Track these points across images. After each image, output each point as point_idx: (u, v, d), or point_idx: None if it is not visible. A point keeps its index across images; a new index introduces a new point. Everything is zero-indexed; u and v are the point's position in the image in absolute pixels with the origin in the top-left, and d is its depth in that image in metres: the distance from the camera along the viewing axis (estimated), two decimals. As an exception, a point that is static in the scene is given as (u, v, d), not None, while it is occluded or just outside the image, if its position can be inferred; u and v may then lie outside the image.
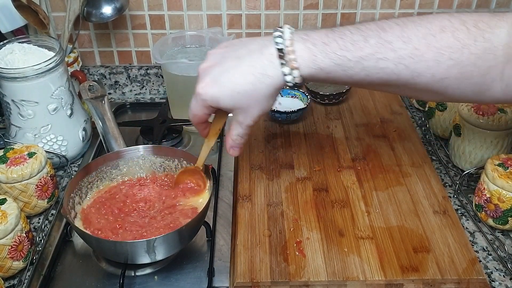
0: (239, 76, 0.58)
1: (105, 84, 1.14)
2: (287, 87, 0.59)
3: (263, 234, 0.74)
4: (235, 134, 0.65)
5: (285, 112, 0.95)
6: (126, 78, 1.14)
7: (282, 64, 0.57)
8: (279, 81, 0.58)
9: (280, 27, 0.58)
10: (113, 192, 0.78)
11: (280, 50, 0.57)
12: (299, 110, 0.96)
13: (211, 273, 0.70)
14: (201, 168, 0.74)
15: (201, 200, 0.74)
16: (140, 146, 0.80)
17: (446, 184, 0.87)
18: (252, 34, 1.10)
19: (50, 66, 0.82)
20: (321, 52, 0.56)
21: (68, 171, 0.89)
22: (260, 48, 0.58)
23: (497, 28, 0.55)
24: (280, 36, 0.57)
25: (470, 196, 0.83)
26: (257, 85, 0.58)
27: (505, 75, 0.56)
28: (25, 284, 0.69)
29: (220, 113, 0.66)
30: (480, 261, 0.72)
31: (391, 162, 0.88)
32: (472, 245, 0.75)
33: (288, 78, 0.57)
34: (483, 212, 0.77)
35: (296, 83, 0.58)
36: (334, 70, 0.57)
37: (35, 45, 0.88)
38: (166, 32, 1.10)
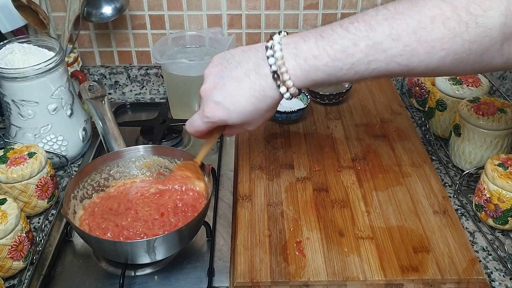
0: (242, 99, 0.60)
1: (105, 84, 1.14)
2: (289, 99, 0.62)
3: (263, 234, 0.74)
4: (234, 132, 0.70)
5: (285, 112, 0.95)
6: (126, 78, 1.14)
7: (278, 86, 0.59)
8: (278, 98, 0.61)
9: (272, 38, 0.60)
10: (113, 192, 0.78)
11: (274, 72, 0.58)
12: (299, 110, 0.96)
13: (211, 273, 0.70)
14: (199, 163, 0.74)
15: (198, 183, 0.74)
16: (140, 146, 0.80)
17: (446, 184, 0.87)
18: (252, 34, 1.10)
19: (50, 66, 0.82)
20: (312, 67, 0.57)
21: (68, 171, 0.89)
22: (255, 67, 0.60)
23: (490, 9, 0.53)
24: (272, 55, 0.58)
25: (470, 196, 0.83)
26: (259, 105, 0.61)
27: (505, 52, 0.55)
28: (25, 284, 0.69)
29: None
30: (480, 261, 0.72)
31: (391, 162, 0.88)
32: (472, 245, 0.75)
33: (286, 95, 0.60)
34: (483, 212, 0.77)
35: (293, 96, 0.60)
36: (328, 79, 0.58)
37: (35, 45, 0.88)
38: (166, 32, 1.10)
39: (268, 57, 0.59)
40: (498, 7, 0.53)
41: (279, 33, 0.60)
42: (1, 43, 0.87)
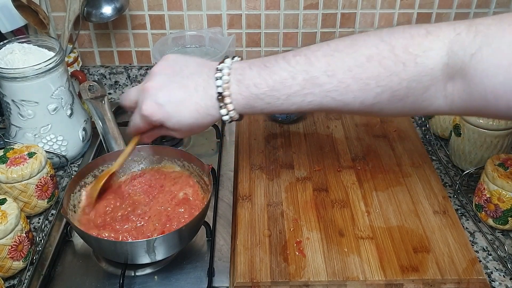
0: (186, 111, 0.62)
1: (105, 84, 1.14)
2: (228, 122, 0.64)
3: (263, 234, 0.74)
4: (156, 134, 0.71)
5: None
6: (126, 78, 1.14)
7: (220, 107, 0.62)
8: (218, 118, 0.64)
9: (223, 61, 0.63)
10: (113, 192, 0.78)
11: (219, 93, 0.61)
12: (299, 110, 0.96)
13: (211, 273, 0.70)
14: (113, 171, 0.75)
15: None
16: (140, 146, 0.80)
17: (446, 184, 0.87)
18: (252, 34, 1.10)
19: (50, 66, 0.82)
20: (252, 95, 0.60)
21: (68, 171, 0.89)
22: (205, 85, 0.62)
23: (430, 50, 0.53)
24: (220, 78, 0.61)
25: (470, 196, 0.83)
26: (199, 120, 0.63)
27: (449, 93, 0.54)
28: (25, 284, 0.69)
29: None
30: (480, 261, 0.72)
31: (391, 162, 0.88)
32: (472, 245, 0.75)
33: (225, 118, 0.63)
34: (483, 212, 0.77)
35: (232, 119, 0.63)
36: (266, 107, 0.61)
37: (35, 45, 0.88)
38: (166, 32, 1.10)
39: (216, 79, 0.61)
40: (439, 48, 0.53)
41: (233, 58, 0.64)
42: (1, 43, 0.87)
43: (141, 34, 1.10)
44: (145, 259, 0.67)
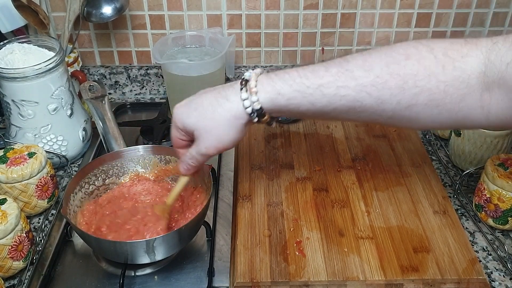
0: (204, 99, 0.61)
1: (105, 84, 1.14)
2: (252, 121, 0.59)
3: (263, 234, 0.74)
4: (188, 158, 0.66)
5: (285, 112, 0.95)
6: (126, 78, 1.14)
7: (241, 89, 0.58)
8: (238, 106, 0.59)
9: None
10: (113, 192, 0.78)
11: (243, 79, 0.59)
12: (299, 110, 0.96)
13: (211, 273, 0.70)
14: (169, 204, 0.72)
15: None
16: (140, 146, 0.80)
17: (446, 184, 0.87)
18: (252, 34, 1.10)
19: (50, 66, 0.82)
20: (280, 79, 0.58)
21: (68, 171, 0.89)
22: (232, 84, 0.61)
23: (468, 56, 0.53)
24: (244, 78, 0.60)
25: (470, 196, 0.83)
26: (216, 107, 0.59)
27: (485, 103, 0.54)
28: (25, 284, 0.69)
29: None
30: (480, 261, 0.72)
31: (391, 162, 0.88)
32: (472, 245, 0.75)
33: (246, 103, 0.58)
34: (483, 212, 0.77)
35: (255, 109, 0.58)
36: (294, 96, 0.57)
37: (35, 45, 0.88)
38: (166, 32, 1.10)
39: (242, 78, 0.60)
40: (476, 56, 0.53)
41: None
42: (1, 43, 0.87)
43: (141, 34, 1.10)
44: (145, 259, 0.67)
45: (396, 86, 0.54)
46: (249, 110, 0.58)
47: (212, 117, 0.60)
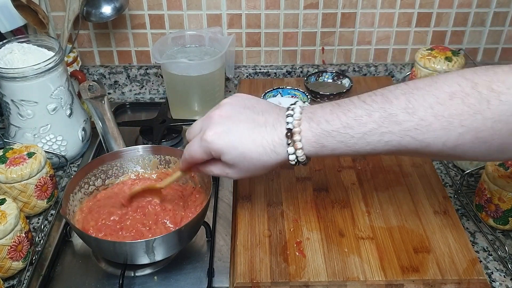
0: (251, 143, 0.59)
1: (104, 84, 1.14)
2: (293, 163, 0.60)
3: (263, 234, 0.74)
4: (209, 171, 0.65)
5: (285, 112, 0.95)
6: (126, 78, 1.14)
7: (288, 144, 0.58)
8: (283, 158, 0.60)
9: (294, 103, 0.60)
10: (113, 192, 0.77)
11: (288, 130, 0.58)
12: (299, 110, 0.96)
13: (211, 273, 0.70)
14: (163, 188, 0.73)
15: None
16: (140, 146, 0.80)
17: (447, 184, 0.87)
18: (252, 34, 1.09)
19: (50, 66, 0.82)
20: (323, 131, 0.57)
21: (68, 171, 0.89)
22: (274, 122, 0.59)
23: None
24: (291, 115, 0.59)
25: (471, 196, 0.82)
26: (263, 157, 0.59)
27: None
28: (24, 285, 0.69)
29: None
30: (480, 261, 0.72)
31: (391, 162, 0.88)
32: (473, 245, 0.74)
33: (292, 157, 0.59)
34: (483, 212, 0.77)
35: (300, 161, 0.59)
36: (338, 147, 0.57)
37: (34, 45, 0.88)
38: (166, 32, 1.09)
39: (287, 116, 0.59)
40: None
41: (304, 102, 0.60)
42: (1, 43, 0.87)
43: (141, 34, 1.10)
44: (145, 260, 0.67)
45: (440, 128, 0.53)
46: (294, 162, 0.60)
47: (257, 163, 0.60)
